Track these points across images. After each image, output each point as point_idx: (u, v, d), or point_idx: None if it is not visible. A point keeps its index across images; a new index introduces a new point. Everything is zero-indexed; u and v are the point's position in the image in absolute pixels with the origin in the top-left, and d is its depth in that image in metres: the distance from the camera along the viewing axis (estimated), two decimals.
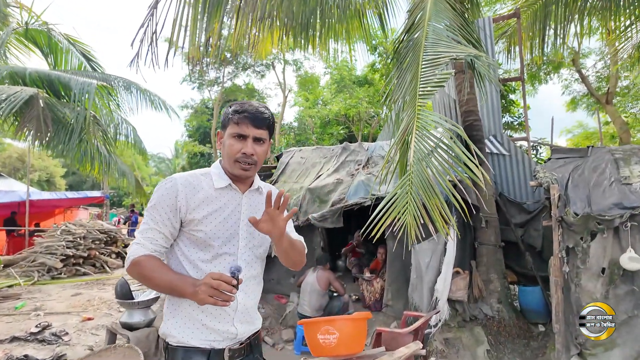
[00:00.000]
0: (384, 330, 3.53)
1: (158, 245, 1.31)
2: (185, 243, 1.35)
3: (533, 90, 15.84)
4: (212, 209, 1.35)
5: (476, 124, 5.49)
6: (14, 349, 4.02)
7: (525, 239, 5.37)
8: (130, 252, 1.28)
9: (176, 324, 1.33)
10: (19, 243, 11.13)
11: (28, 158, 12.63)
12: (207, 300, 1.15)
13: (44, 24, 8.45)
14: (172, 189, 1.32)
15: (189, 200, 1.32)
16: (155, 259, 1.28)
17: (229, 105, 1.42)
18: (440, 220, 2.71)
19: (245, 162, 1.35)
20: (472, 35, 4.15)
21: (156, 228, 1.30)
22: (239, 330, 1.37)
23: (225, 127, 1.38)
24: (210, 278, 1.15)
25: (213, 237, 1.33)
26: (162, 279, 1.25)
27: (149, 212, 1.32)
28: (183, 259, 1.34)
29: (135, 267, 1.26)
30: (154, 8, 3.93)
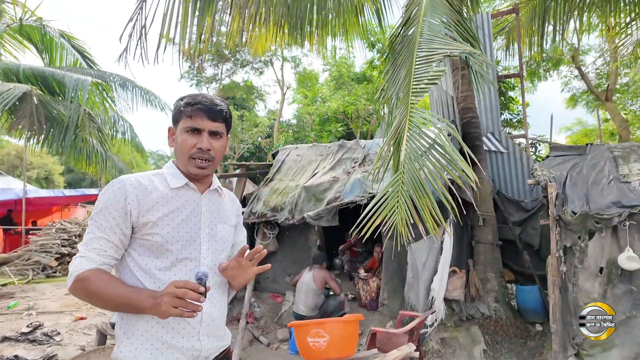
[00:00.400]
0: (379, 331, 3.48)
1: (107, 257, 1.15)
2: (139, 251, 1.19)
3: (532, 87, 15.78)
4: (168, 209, 1.21)
5: (474, 121, 5.43)
6: (4, 349, 3.97)
7: (523, 238, 5.32)
8: (74, 267, 1.10)
9: (132, 347, 1.15)
10: (16, 241, 11.08)
11: (24, 156, 12.54)
12: (171, 312, 1.01)
13: (39, 20, 8.35)
14: (120, 191, 1.17)
15: (140, 202, 1.18)
16: (104, 272, 1.12)
17: (180, 99, 1.29)
18: (430, 221, 2.66)
19: (201, 158, 1.23)
20: (469, 32, 4.08)
21: (104, 237, 1.14)
22: (205, 345, 1.23)
23: (177, 122, 1.26)
24: (174, 287, 1.02)
25: (171, 240, 1.19)
26: (114, 294, 1.09)
27: (94, 220, 1.16)
28: (136, 270, 1.18)
29: (80, 284, 1.09)
30: (143, 2, 3.85)
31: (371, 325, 4.54)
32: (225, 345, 1.34)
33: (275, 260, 5.55)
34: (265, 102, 24.60)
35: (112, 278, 1.13)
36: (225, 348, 1.35)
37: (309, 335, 2.16)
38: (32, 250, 8.25)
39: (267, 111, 24.23)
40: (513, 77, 9.08)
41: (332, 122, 17.28)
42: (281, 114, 20.65)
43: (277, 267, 5.56)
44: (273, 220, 5.22)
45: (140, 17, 3.88)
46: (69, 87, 7.02)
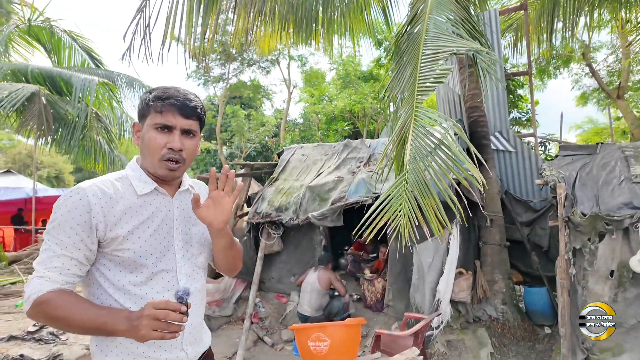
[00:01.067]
0: (384, 333, 3.44)
1: (70, 276, 1.03)
2: (109, 266, 1.09)
3: (542, 85, 15.55)
4: (138, 221, 1.10)
5: (481, 120, 5.35)
6: (11, 348, 4.00)
7: (531, 238, 5.23)
8: (31, 289, 0.99)
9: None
10: (26, 239, 11.25)
11: (34, 155, 12.71)
12: (151, 335, 0.91)
13: (47, 21, 8.43)
14: (82, 202, 1.04)
15: (106, 215, 1.06)
16: (69, 293, 1.01)
17: (148, 92, 1.15)
18: (435, 222, 2.61)
19: (172, 159, 1.11)
20: (476, 29, 4.01)
21: (65, 254, 1.02)
22: (189, 353, 1.18)
23: (145, 117, 1.13)
24: (153, 308, 0.92)
25: (144, 254, 1.10)
26: (82, 318, 0.97)
27: (52, 235, 1.03)
28: (108, 286, 1.08)
29: (40, 308, 0.97)
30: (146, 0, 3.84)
31: (376, 326, 4.50)
32: (206, 347, 1.28)
33: (280, 260, 5.54)
34: (272, 101, 24.64)
35: (79, 299, 1.01)
36: (206, 349, 1.29)
37: (310, 339, 2.13)
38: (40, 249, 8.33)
39: (274, 110, 24.26)
40: (522, 74, 8.94)
41: (339, 121, 17.23)
42: (288, 113, 20.65)
43: (282, 267, 5.55)
44: (277, 220, 5.20)
45: (144, 15, 3.88)
46: (76, 87, 7.08)
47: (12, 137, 27.22)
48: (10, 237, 12.10)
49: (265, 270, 5.37)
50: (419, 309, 4.30)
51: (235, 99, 22.04)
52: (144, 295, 1.09)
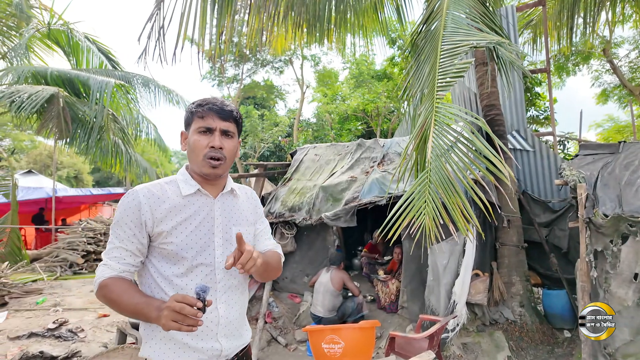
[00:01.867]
0: (398, 335, 3.39)
1: (126, 265, 1.21)
2: (158, 258, 1.25)
3: (560, 82, 15.17)
4: (181, 218, 1.25)
5: (498, 118, 5.24)
6: (31, 345, 4.10)
7: (550, 240, 5.10)
8: (98, 275, 1.18)
9: (156, 347, 1.22)
10: (46, 238, 11.54)
11: (54, 155, 13.02)
12: (170, 325, 1.01)
13: (65, 24, 8.62)
14: (134, 203, 1.21)
15: (154, 212, 1.22)
16: (122, 280, 1.18)
17: (191, 103, 1.32)
18: (462, 220, 2.54)
19: (213, 157, 1.25)
20: (495, 23, 3.92)
21: (122, 246, 1.20)
22: (224, 345, 1.26)
23: (189, 125, 1.29)
24: (174, 301, 1.02)
25: (185, 248, 1.23)
26: (128, 303, 1.13)
27: (113, 230, 1.22)
28: (157, 276, 1.24)
29: (102, 291, 1.16)
30: (161, 1, 3.87)
31: (390, 328, 4.46)
32: (245, 343, 1.37)
33: (293, 260, 5.53)
34: (285, 101, 24.69)
35: (129, 286, 1.17)
36: (245, 346, 1.37)
37: (324, 341, 2.11)
38: (60, 248, 8.54)
39: (287, 110, 24.30)
40: (540, 72, 8.73)
41: (352, 121, 17.16)
42: (301, 112, 20.66)
43: (295, 268, 5.54)
44: (291, 220, 5.20)
45: (158, 17, 3.91)
46: (93, 89, 7.21)
47: (34, 138, 27.98)
48: (32, 235, 12.43)
49: None
50: (434, 311, 4.23)
51: (249, 99, 22.17)
52: (184, 286, 1.22)
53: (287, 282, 5.59)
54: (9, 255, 7.40)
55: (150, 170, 9.75)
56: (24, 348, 3.96)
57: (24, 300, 5.81)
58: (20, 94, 6.57)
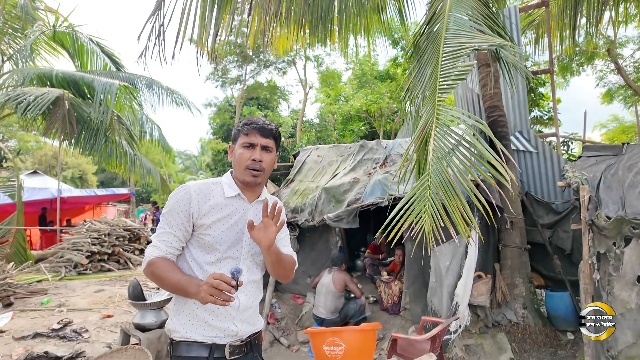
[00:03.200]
0: (400, 337, 3.39)
1: (172, 248, 1.42)
2: (195, 246, 1.46)
3: (564, 82, 15.09)
4: (220, 215, 1.45)
5: (501, 119, 5.23)
6: (36, 345, 4.13)
7: (553, 241, 5.08)
8: (147, 254, 1.40)
9: (181, 320, 1.43)
10: (51, 238, 11.61)
11: (59, 156, 13.09)
12: (207, 298, 1.20)
13: (70, 27, 8.67)
14: (186, 196, 1.43)
15: (200, 207, 1.43)
16: (167, 260, 1.39)
17: (238, 121, 1.57)
18: (462, 223, 2.55)
19: (254, 168, 1.45)
20: (498, 25, 3.92)
21: (171, 232, 1.41)
22: (240, 328, 1.45)
23: (236, 140, 1.52)
24: (212, 278, 1.21)
25: (219, 241, 1.44)
26: (171, 279, 1.34)
27: (165, 217, 1.43)
28: (191, 261, 1.45)
29: (150, 267, 1.37)
30: (161, 1, 3.89)
31: (392, 330, 4.46)
32: (257, 329, 1.55)
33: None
34: (288, 102, 24.73)
35: (173, 266, 1.39)
36: (258, 331, 1.56)
37: (325, 344, 2.12)
38: (64, 248, 8.59)
39: (290, 111, 24.34)
40: (543, 73, 8.71)
41: (355, 121, 17.15)
42: (304, 113, 20.68)
43: (298, 269, 5.46)
44: (293, 221, 5.21)
45: (158, 17, 3.93)
46: (97, 90, 7.25)
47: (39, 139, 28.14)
48: (37, 236, 12.51)
49: None
50: (436, 313, 4.23)
51: (252, 100, 22.21)
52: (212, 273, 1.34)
53: (290, 283, 5.60)
54: (15, 256, 7.45)
55: (154, 170, 9.81)
56: (29, 348, 4.00)
57: (29, 300, 5.86)
58: (26, 96, 6.62)
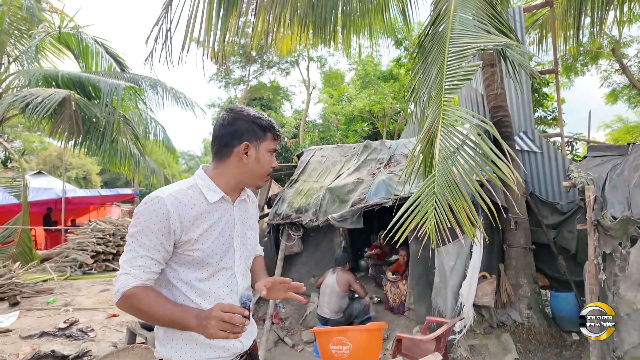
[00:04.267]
0: (405, 337, 3.40)
1: (151, 273, 1.19)
2: (179, 264, 1.25)
3: (569, 82, 15.03)
4: (207, 225, 1.26)
5: (505, 119, 5.22)
6: (43, 344, 4.17)
7: (558, 241, 5.07)
8: (120, 284, 1.15)
9: (177, 347, 1.24)
10: (56, 238, 11.68)
11: (63, 157, 13.21)
12: (218, 334, 1.05)
13: (75, 28, 8.72)
14: (161, 211, 1.18)
15: (182, 220, 1.21)
16: (150, 290, 1.17)
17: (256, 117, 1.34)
18: (467, 223, 2.55)
19: (269, 174, 1.40)
20: (504, 24, 3.91)
21: (147, 255, 1.17)
22: (244, 343, 1.34)
23: (259, 140, 1.32)
24: (221, 311, 1.05)
25: (211, 254, 1.26)
26: (161, 312, 1.13)
27: (136, 238, 1.17)
28: (177, 281, 1.25)
29: (128, 300, 1.14)
30: (168, 5, 3.92)
31: (397, 330, 4.47)
32: (254, 336, 1.45)
33: (299, 261, 5.56)
34: (291, 103, 24.77)
35: (158, 295, 1.17)
36: (254, 338, 1.46)
37: (332, 343, 2.13)
38: (70, 248, 8.65)
39: (294, 111, 24.38)
40: (548, 73, 8.67)
41: (358, 122, 17.16)
42: (307, 113, 20.71)
43: (302, 269, 5.57)
44: (297, 221, 5.22)
45: (165, 20, 3.96)
46: (104, 91, 7.29)
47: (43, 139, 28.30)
48: (42, 236, 12.60)
49: (285, 271, 5.40)
50: (441, 313, 4.24)
51: (256, 100, 22.26)
52: (207, 290, 1.26)
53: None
54: (20, 256, 7.51)
55: (158, 171, 9.85)
56: (35, 347, 4.03)
57: (35, 299, 5.90)
58: (33, 97, 6.67)
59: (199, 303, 1.24)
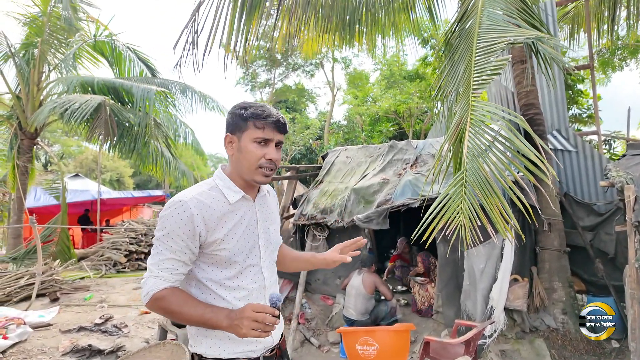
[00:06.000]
0: (433, 340, 3.34)
1: (179, 275, 1.23)
2: (208, 264, 1.29)
3: (605, 78, 14.35)
4: (231, 224, 1.29)
5: (537, 117, 5.05)
6: (81, 338, 4.36)
7: (595, 244, 4.84)
8: (149, 287, 1.19)
9: (211, 342, 1.28)
10: (92, 237, 12.21)
11: (99, 160, 13.78)
12: (251, 334, 1.09)
13: (109, 36, 9.09)
14: (186, 215, 1.20)
15: (207, 222, 1.23)
16: (179, 291, 1.21)
17: (240, 107, 1.30)
18: (501, 221, 2.46)
19: (268, 167, 1.29)
20: (534, 17, 3.79)
21: (175, 257, 1.21)
22: (275, 337, 1.38)
23: (241, 131, 1.28)
24: (252, 311, 1.09)
25: (237, 252, 1.29)
26: (192, 313, 1.17)
27: (163, 242, 1.21)
28: (206, 280, 1.29)
29: (157, 303, 1.18)
30: (195, 12, 4.03)
31: (424, 333, 4.39)
32: (281, 330, 1.47)
33: None
34: (316, 104, 24.89)
35: (187, 297, 1.22)
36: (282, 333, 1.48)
37: (358, 343, 2.12)
38: (104, 247, 9.01)
39: (318, 113, 24.47)
40: (582, 68, 8.31)
41: (384, 122, 17.02)
42: (331, 115, 20.73)
43: (327, 270, 5.56)
44: (322, 222, 5.23)
45: (193, 27, 4.08)
46: (136, 96, 7.57)
47: (80, 143, 29.65)
48: (79, 235, 13.20)
49: (311, 272, 5.42)
50: (470, 316, 4.13)
51: (281, 102, 22.50)
52: (236, 287, 1.30)
53: (320, 283, 5.62)
54: (60, 254, 7.90)
55: (188, 173, 10.13)
56: (74, 341, 4.22)
57: (73, 296, 6.18)
58: (71, 104, 7.01)
59: (229, 300, 1.27)
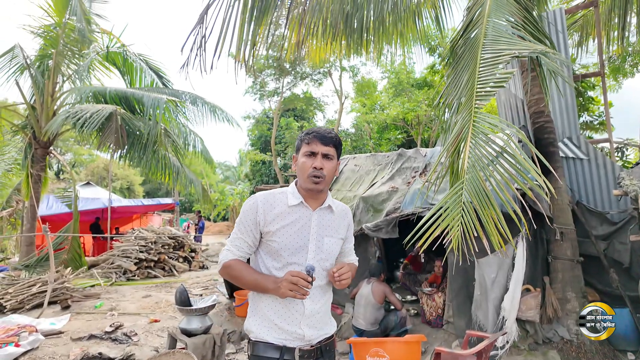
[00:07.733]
0: (444, 351, 3.29)
1: (243, 252, 1.59)
2: (265, 251, 1.59)
3: (617, 85, 14.19)
4: (284, 223, 1.55)
5: (547, 125, 5.00)
6: (91, 346, 4.38)
7: (609, 254, 4.75)
8: (222, 257, 1.59)
9: (255, 322, 1.57)
10: (103, 245, 12.33)
11: (109, 168, 13.95)
12: (287, 293, 1.41)
13: (122, 47, 9.27)
14: (254, 206, 1.56)
15: (266, 215, 1.54)
16: (241, 262, 1.57)
17: (300, 132, 1.61)
18: (496, 235, 2.44)
19: (315, 175, 1.52)
20: (539, 30, 3.78)
21: (242, 237, 1.57)
22: (307, 333, 1.53)
23: (299, 150, 1.60)
24: (290, 275, 1.42)
25: (284, 247, 1.53)
26: (249, 277, 1.52)
27: (237, 225, 1.59)
28: (261, 266, 1.59)
29: (226, 269, 1.57)
30: (204, 14, 4.09)
31: (435, 343, 4.34)
32: (327, 334, 1.63)
33: None
34: (324, 113, 24.97)
35: (246, 266, 1.58)
36: (328, 336, 1.63)
37: (369, 354, 2.10)
38: (115, 255, 9.08)
39: (326, 121, 24.54)
40: (593, 75, 8.24)
41: (392, 130, 17.01)
42: (339, 123, 20.78)
43: None
44: None
45: (200, 29, 4.13)
46: (147, 106, 7.68)
47: (92, 152, 30.11)
48: (90, 243, 13.34)
49: None
50: (481, 327, 4.07)
51: (289, 111, 22.64)
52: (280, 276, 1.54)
53: None
54: (71, 262, 7.98)
55: (196, 181, 10.20)
56: (85, 349, 4.25)
57: (84, 304, 6.22)
58: (83, 113, 7.13)
59: None
